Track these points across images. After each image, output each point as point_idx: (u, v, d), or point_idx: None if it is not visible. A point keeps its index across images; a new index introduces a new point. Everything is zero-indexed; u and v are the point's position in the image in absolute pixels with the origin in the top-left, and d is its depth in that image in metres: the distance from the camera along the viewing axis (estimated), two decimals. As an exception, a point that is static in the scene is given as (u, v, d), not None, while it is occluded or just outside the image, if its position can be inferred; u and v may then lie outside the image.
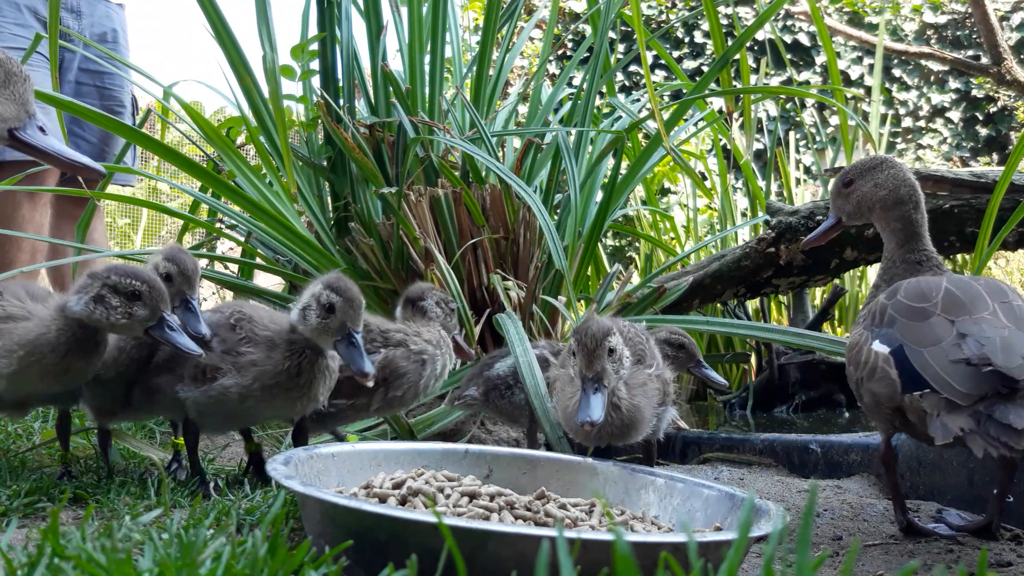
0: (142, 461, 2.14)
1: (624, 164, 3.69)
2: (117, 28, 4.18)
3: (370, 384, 1.79)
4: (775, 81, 10.81)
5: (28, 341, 1.68)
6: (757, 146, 7.90)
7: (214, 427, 1.96)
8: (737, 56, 3.20)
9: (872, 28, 11.19)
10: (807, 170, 9.74)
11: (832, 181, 1.94)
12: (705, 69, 3.29)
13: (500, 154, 3.19)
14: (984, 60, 6.75)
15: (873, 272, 5.62)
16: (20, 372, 1.69)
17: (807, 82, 11.09)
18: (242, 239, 3.37)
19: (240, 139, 3.45)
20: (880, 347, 1.66)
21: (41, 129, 1.55)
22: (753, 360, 5.05)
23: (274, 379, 1.77)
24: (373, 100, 3.32)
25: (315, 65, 3.25)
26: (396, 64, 3.38)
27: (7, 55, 1.53)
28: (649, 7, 11.37)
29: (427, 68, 3.27)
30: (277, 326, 1.83)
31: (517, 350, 2.21)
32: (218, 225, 3.46)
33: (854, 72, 11.44)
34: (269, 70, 2.67)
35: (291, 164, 2.69)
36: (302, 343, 1.79)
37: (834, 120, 10.53)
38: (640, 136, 3.94)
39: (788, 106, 9.43)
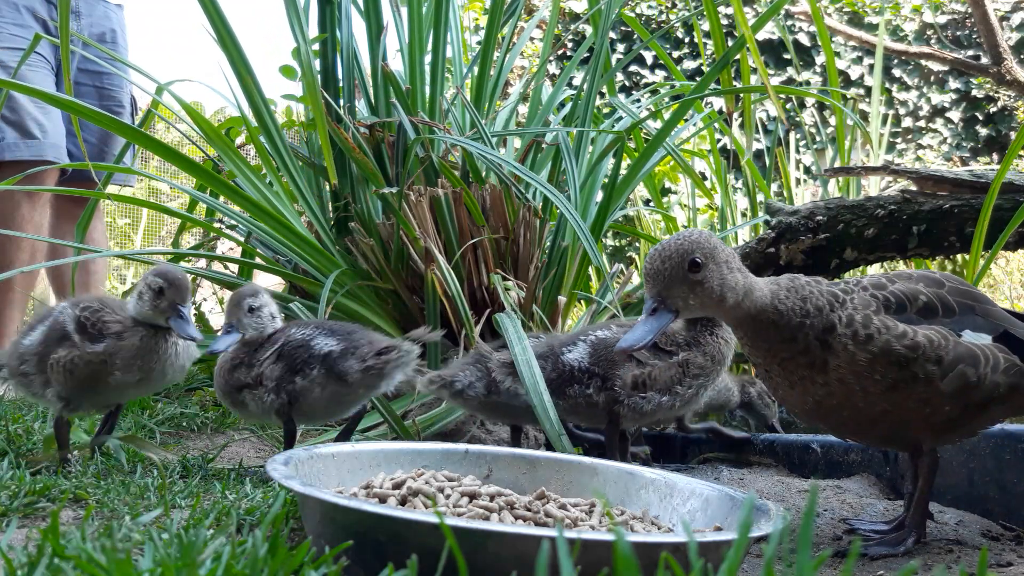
0: (142, 460, 2.14)
1: (625, 164, 3.69)
2: (116, 28, 4.18)
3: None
4: (775, 81, 10.81)
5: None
6: (757, 146, 7.90)
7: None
8: (737, 56, 3.21)
9: (872, 28, 11.19)
10: (807, 170, 9.74)
11: (660, 263, 1.51)
12: (705, 69, 3.29)
13: (500, 154, 3.19)
14: (984, 60, 6.74)
15: (872, 272, 5.61)
16: None
17: (807, 82, 11.09)
18: (242, 239, 3.37)
19: (240, 139, 3.45)
20: (979, 337, 1.63)
21: None
22: (753, 360, 5.03)
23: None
24: (373, 100, 3.32)
25: (316, 65, 3.25)
26: (396, 64, 3.38)
27: None
28: (649, 7, 11.37)
29: (427, 68, 3.27)
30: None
31: (516, 348, 2.21)
32: (218, 225, 3.45)
33: (854, 72, 11.44)
34: (305, 64, 2.69)
35: (330, 155, 2.70)
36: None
37: (835, 120, 10.53)
38: (641, 136, 3.94)
39: (788, 106, 9.43)
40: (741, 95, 3.86)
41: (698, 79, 3.23)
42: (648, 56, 11.20)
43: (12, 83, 2.79)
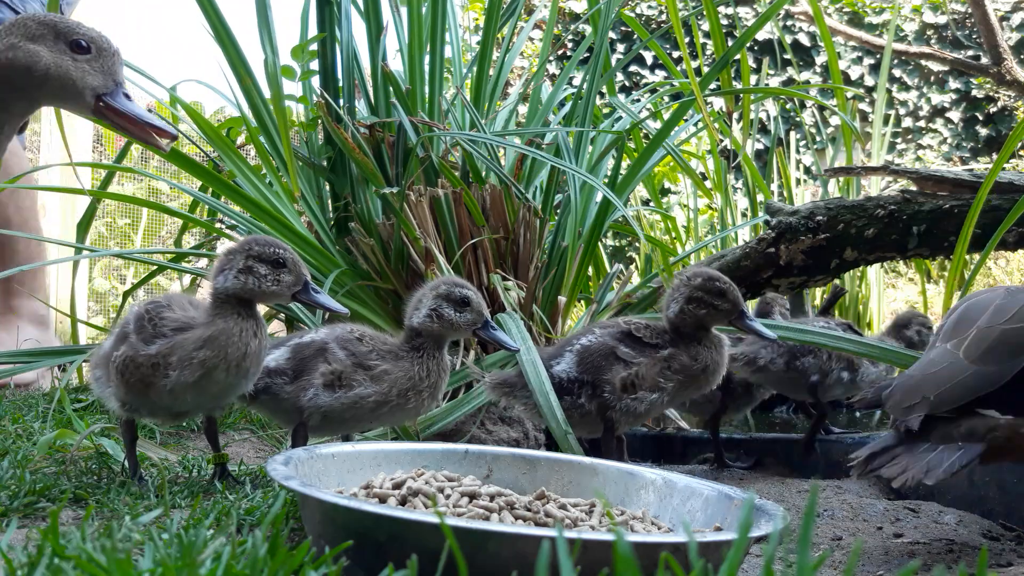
0: (142, 460, 2.14)
1: (624, 164, 3.69)
2: None
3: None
4: (775, 81, 10.82)
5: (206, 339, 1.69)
6: (757, 146, 7.89)
7: (332, 432, 2.04)
8: (737, 56, 3.20)
9: (872, 28, 11.19)
10: (807, 170, 9.74)
11: None
12: (706, 69, 3.30)
13: (500, 154, 3.19)
14: (984, 60, 6.74)
15: (873, 272, 5.61)
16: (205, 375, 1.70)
17: (807, 82, 11.09)
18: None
19: (240, 139, 3.44)
20: None
21: (126, 96, 1.70)
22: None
23: (408, 383, 1.90)
24: (373, 100, 3.32)
25: (315, 65, 3.25)
26: (396, 64, 3.38)
27: (100, 33, 1.67)
28: (649, 7, 11.37)
29: (427, 68, 3.27)
30: (392, 341, 1.97)
31: (520, 350, 2.21)
32: (218, 225, 3.45)
33: (854, 72, 11.45)
34: (271, 73, 2.68)
35: (294, 167, 2.68)
36: (427, 346, 1.93)
37: (834, 120, 10.53)
38: (641, 135, 3.94)
39: (788, 106, 9.43)
40: (740, 95, 3.86)
41: (698, 79, 3.23)
42: (648, 56, 11.20)
43: None
